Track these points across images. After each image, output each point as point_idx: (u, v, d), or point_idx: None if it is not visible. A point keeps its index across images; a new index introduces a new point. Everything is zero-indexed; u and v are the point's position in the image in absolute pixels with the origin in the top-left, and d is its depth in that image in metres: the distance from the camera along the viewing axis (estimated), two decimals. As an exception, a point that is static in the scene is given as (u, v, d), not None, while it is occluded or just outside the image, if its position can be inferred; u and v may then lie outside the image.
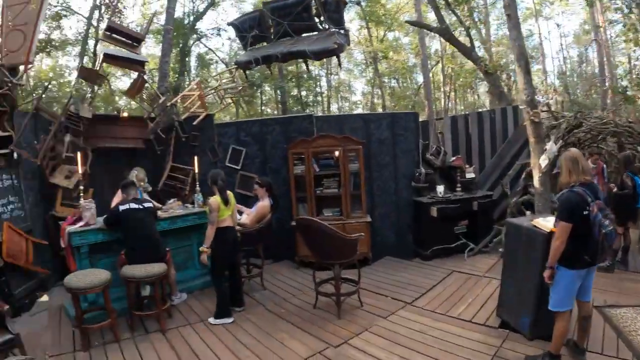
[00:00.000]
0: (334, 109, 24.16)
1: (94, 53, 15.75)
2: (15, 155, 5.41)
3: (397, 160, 6.87)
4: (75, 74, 18.95)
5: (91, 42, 16.29)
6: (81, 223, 4.54)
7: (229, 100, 8.25)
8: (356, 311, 4.74)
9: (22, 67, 5.85)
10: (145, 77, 7.12)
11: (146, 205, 4.60)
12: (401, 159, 6.87)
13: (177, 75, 16.26)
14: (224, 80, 7.75)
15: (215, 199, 4.48)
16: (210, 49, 20.33)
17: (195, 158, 5.95)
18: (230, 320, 4.53)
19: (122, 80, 20.03)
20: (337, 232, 4.57)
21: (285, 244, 6.48)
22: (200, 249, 4.53)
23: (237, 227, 4.89)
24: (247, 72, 7.12)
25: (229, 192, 4.65)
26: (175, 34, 13.95)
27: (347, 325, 4.40)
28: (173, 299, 4.93)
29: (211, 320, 4.54)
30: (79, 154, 5.21)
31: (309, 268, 6.07)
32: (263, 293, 5.16)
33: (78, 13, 16.95)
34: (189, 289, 5.31)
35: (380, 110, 21.65)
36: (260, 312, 4.87)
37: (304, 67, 19.29)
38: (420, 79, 21.80)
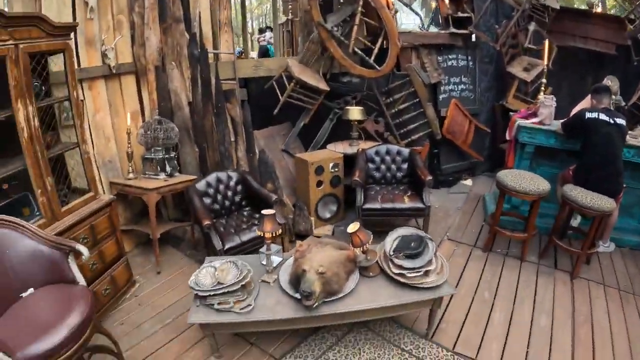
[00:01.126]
0: None
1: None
2: (473, 37, 5.36)
3: None
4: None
5: None
6: (535, 119, 3.99)
7: None
8: None
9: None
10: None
11: (619, 121, 3.45)
12: None
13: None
14: None
15: None
16: None
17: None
18: None
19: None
20: None
21: None
22: None
23: None
24: None
25: None
26: None
27: None
28: (599, 244, 3.92)
29: None
30: (545, 47, 4.57)
31: None
32: None
33: None
34: (619, 242, 4.10)
35: None
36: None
37: None
38: None
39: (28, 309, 1.97)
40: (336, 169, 4.40)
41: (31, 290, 2.07)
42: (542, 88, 4.37)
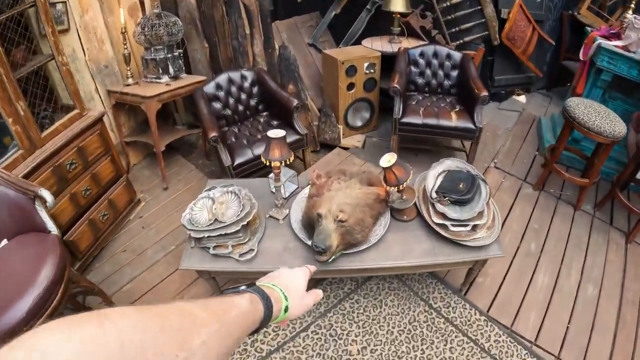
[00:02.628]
0: None
1: None
2: None
3: None
4: None
5: None
6: (618, 43, 3.09)
7: None
8: None
9: None
10: None
11: None
12: None
13: None
14: None
15: None
16: None
17: None
18: None
19: None
20: None
21: None
22: None
23: None
24: None
25: None
26: None
27: None
28: None
29: None
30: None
31: None
32: None
33: None
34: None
35: None
36: None
37: None
38: None
39: (-2, 268, 1.67)
40: (372, 70, 3.72)
41: (5, 241, 1.78)
42: (633, 5, 3.39)
